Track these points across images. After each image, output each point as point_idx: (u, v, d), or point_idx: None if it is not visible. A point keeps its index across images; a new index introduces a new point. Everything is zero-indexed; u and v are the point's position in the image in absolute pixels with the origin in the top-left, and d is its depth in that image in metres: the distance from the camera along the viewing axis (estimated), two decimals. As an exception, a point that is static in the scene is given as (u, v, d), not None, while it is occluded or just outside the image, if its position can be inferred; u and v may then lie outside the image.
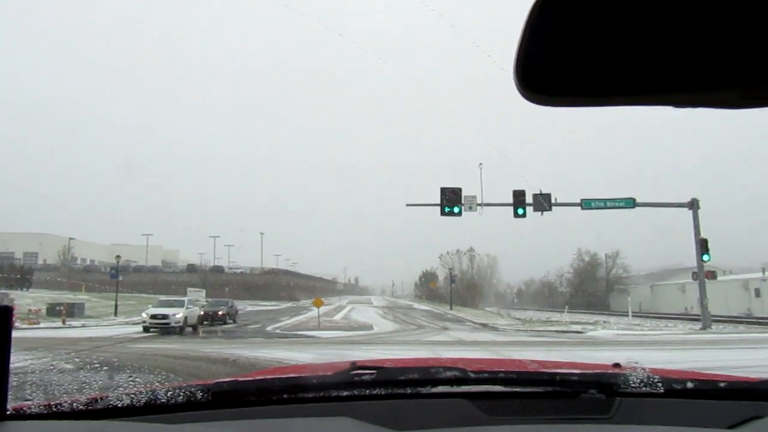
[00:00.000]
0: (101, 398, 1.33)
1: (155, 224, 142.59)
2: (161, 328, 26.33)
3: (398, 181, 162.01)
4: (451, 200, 25.08)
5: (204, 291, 72.87)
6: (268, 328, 31.47)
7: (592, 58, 0.66)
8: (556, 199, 25.76)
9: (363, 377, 1.41)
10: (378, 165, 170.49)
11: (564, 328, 29.55)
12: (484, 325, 36.36)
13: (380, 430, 1.22)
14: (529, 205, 25.46)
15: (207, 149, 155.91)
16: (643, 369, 1.49)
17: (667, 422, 1.32)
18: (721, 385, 1.50)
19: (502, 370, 1.56)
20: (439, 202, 25.25)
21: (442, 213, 25.20)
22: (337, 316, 44.73)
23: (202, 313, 30.93)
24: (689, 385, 1.46)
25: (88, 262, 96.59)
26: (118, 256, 45.06)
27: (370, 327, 31.22)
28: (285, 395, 1.37)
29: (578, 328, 29.66)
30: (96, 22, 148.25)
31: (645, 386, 1.42)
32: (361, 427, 1.22)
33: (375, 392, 1.39)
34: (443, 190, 25.18)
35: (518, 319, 45.75)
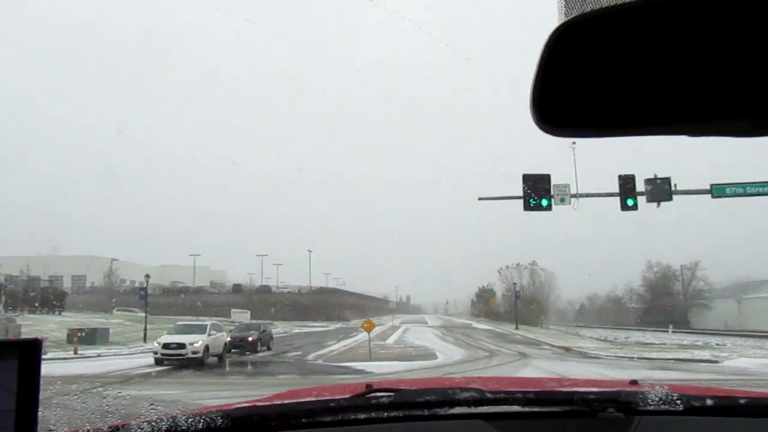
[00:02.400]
0: (123, 426, 1.34)
1: (203, 246, 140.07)
2: (176, 359, 21.06)
3: (451, 194, 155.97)
4: (537, 191, 18.98)
5: (248, 312, 68.81)
6: (309, 357, 25.88)
7: (606, 90, 0.68)
8: (675, 186, 19.36)
9: (380, 400, 1.39)
10: (428, 180, 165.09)
11: (686, 355, 22.84)
12: (567, 350, 29.90)
13: None
14: (641, 194, 19.12)
15: (255, 169, 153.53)
16: (661, 386, 1.45)
17: None
18: (742, 401, 1.44)
19: (520, 390, 1.50)
20: (521, 194, 19.16)
21: (527, 207, 19.09)
22: (391, 340, 38.82)
23: (228, 339, 25.47)
24: (709, 402, 1.41)
25: (137, 284, 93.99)
26: (147, 276, 40.51)
27: (433, 355, 25.14)
28: (303, 420, 1.36)
29: (705, 354, 22.88)
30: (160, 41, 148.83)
31: (664, 404, 1.37)
32: None
33: (392, 415, 1.37)
34: (526, 178, 19.12)
35: (602, 340, 38.86)
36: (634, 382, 1.67)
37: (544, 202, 19.14)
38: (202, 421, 1.30)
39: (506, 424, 1.35)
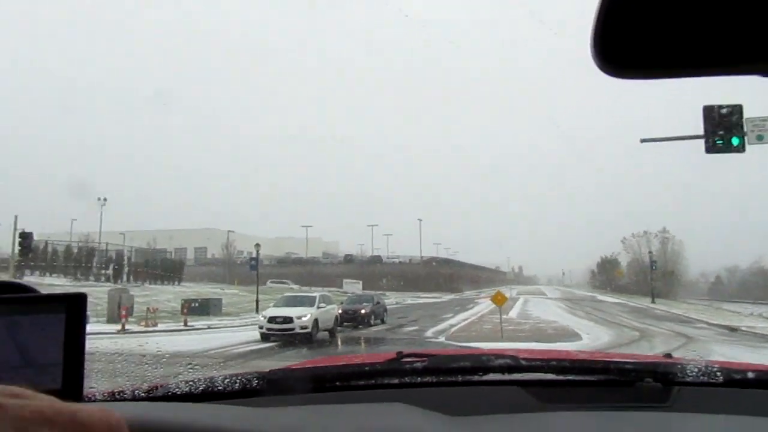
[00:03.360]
0: (161, 386, 1.35)
1: (316, 217, 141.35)
2: (283, 335, 18.75)
3: (563, 161, 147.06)
4: (725, 126, 14.40)
5: (360, 283, 67.33)
6: (429, 333, 22.85)
7: (672, 26, 0.62)
8: None
9: (414, 365, 1.38)
10: (539, 146, 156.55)
11: None
12: (733, 329, 24.80)
13: (433, 415, 1.15)
14: None
15: (367, 141, 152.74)
16: (701, 359, 1.44)
17: (726, 411, 1.21)
18: None
19: (555, 358, 1.48)
20: (702, 132, 14.66)
21: (710, 149, 14.59)
22: (513, 313, 34.98)
23: (339, 312, 22.90)
24: (749, 375, 1.37)
25: (254, 255, 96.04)
26: (257, 245, 39.28)
27: (574, 335, 21.18)
28: (337, 383, 1.36)
29: None
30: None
31: (703, 376, 1.34)
32: (414, 412, 1.16)
33: (426, 379, 1.36)
34: (709, 111, 14.58)
35: (765, 317, 32.81)
36: (668, 356, 1.65)
37: (735, 141, 14.56)
38: (238, 381, 1.30)
39: (542, 391, 1.30)
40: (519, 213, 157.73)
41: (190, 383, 1.33)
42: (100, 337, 22.27)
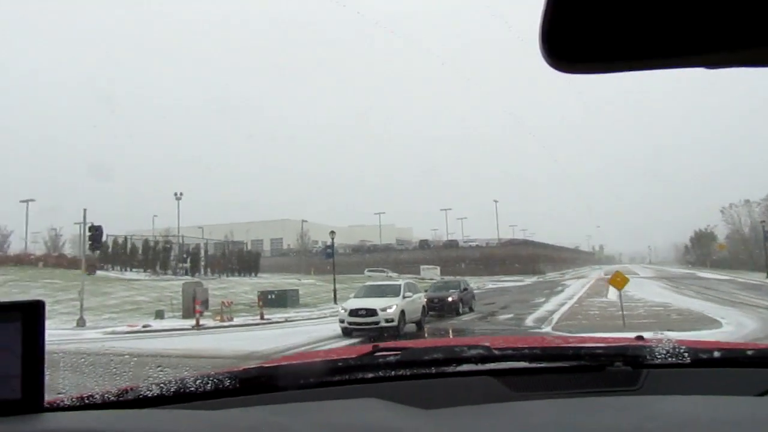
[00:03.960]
0: (131, 389, 1.31)
1: (389, 204, 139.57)
2: (367, 329, 16.50)
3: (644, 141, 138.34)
4: None
5: (438, 268, 64.86)
6: (528, 322, 20.08)
7: (617, 21, 0.63)
8: None
9: (388, 358, 1.38)
10: (615, 120, 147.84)
11: None
12: None
13: (406, 409, 1.15)
14: None
15: (435, 125, 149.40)
16: (669, 340, 1.43)
17: (695, 392, 1.24)
18: (749, 353, 1.45)
19: (527, 346, 1.50)
20: None
21: None
22: (612, 295, 31.39)
23: (425, 300, 20.41)
24: (716, 354, 1.40)
25: (328, 244, 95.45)
26: (332, 232, 37.43)
27: (711, 321, 17.77)
28: (311, 379, 1.35)
29: None
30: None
31: (671, 357, 1.36)
32: (387, 406, 1.16)
33: (400, 373, 1.36)
34: None
35: None
36: (640, 338, 1.65)
37: None
38: (210, 382, 1.28)
39: (514, 379, 1.33)
40: (597, 190, 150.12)
41: (162, 385, 1.27)
42: (173, 334, 20.90)
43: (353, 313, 16.76)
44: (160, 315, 24.92)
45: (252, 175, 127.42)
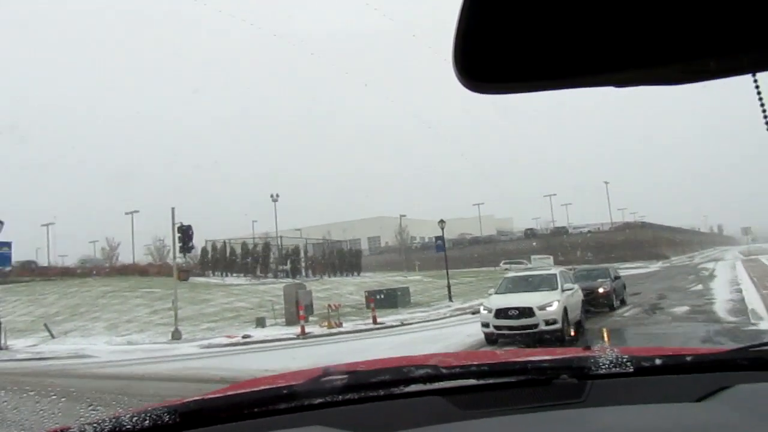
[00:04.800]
0: (62, 431, 1.26)
1: (486, 194, 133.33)
2: (520, 335, 12.42)
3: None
4: None
5: (551, 257, 59.29)
6: (721, 314, 15.18)
7: (529, 42, 0.65)
8: None
9: (334, 383, 1.35)
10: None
11: None
12: None
13: None
14: None
15: (534, 108, 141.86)
16: (612, 350, 1.46)
17: (638, 400, 1.27)
18: (688, 359, 1.47)
19: (475, 363, 1.49)
20: None
21: None
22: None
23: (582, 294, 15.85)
24: (657, 361, 1.44)
25: (425, 240, 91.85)
26: (441, 221, 33.49)
27: None
28: (255, 409, 1.30)
29: None
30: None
31: (615, 367, 1.38)
32: None
33: (347, 397, 1.33)
34: None
35: None
36: (587, 348, 1.65)
37: None
38: (147, 418, 1.22)
39: (462, 398, 1.31)
40: (710, 165, 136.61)
41: (95, 425, 1.18)
42: (276, 346, 17.76)
43: (501, 313, 12.67)
44: (261, 323, 21.97)
45: (346, 175, 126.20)
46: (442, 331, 17.44)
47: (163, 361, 15.12)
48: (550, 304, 12.56)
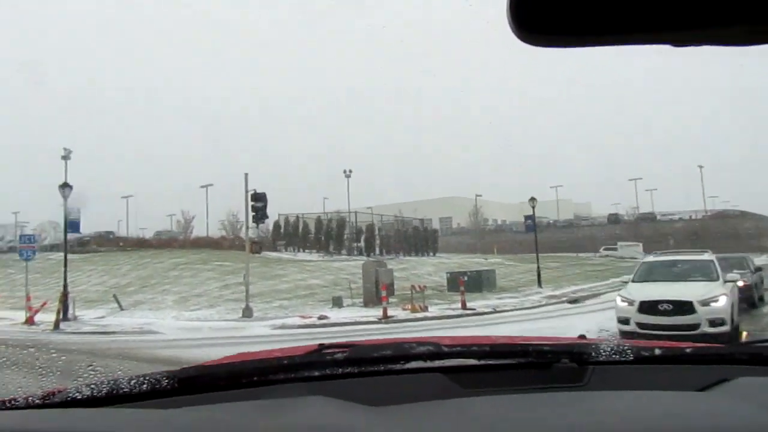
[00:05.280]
0: (59, 391, 1.21)
1: (564, 177, 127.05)
2: (674, 336, 9.62)
3: None
4: None
5: (640, 245, 54.91)
6: None
7: None
8: None
9: (335, 356, 1.33)
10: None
11: None
12: None
13: (354, 406, 1.12)
14: None
15: (607, 87, 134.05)
16: (612, 338, 1.22)
17: (638, 387, 1.27)
18: (688, 351, 1.49)
19: (476, 344, 1.48)
20: None
21: None
22: None
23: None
24: (657, 351, 1.44)
25: (498, 222, 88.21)
26: (532, 199, 30.34)
27: None
28: (254, 378, 1.28)
29: None
30: None
31: (615, 354, 1.39)
32: (332, 403, 1.13)
33: (347, 371, 1.31)
34: None
35: None
36: (582, 337, 1.69)
37: None
38: (146, 382, 1.21)
39: (463, 377, 1.31)
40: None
41: (92, 387, 1.18)
42: (357, 330, 15.54)
43: (648, 307, 9.87)
44: (337, 303, 19.98)
45: (417, 154, 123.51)
46: (550, 324, 14.78)
47: (230, 344, 13.25)
48: (716, 298, 9.68)
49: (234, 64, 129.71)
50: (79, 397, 1.17)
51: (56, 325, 17.21)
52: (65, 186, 19.34)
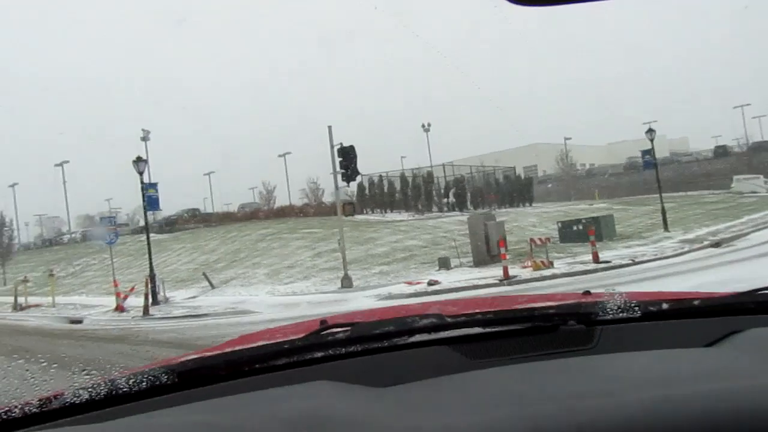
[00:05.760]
0: (56, 396, 1.17)
1: (655, 112, 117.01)
2: None
3: None
4: None
5: (760, 177, 49.04)
6: None
7: None
8: None
9: (336, 336, 1.30)
10: None
11: None
12: None
13: (360, 389, 1.08)
14: None
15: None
16: (619, 294, 1.40)
17: (647, 346, 1.23)
18: (696, 303, 1.45)
19: (479, 311, 1.47)
20: None
21: None
22: None
23: None
24: (664, 306, 1.40)
25: (587, 167, 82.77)
26: (649, 130, 26.54)
27: None
28: (256, 365, 1.25)
29: None
30: None
31: (622, 312, 1.34)
32: (337, 388, 1.09)
33: (350, 350, 1.28)
34: None
35: None
36: (587, 293, 1.65)
37: None
38: (144, 380, 1.17)
39: (469, 347, 1.26)
40: None
41: (90, 389, 1.14)
42: (477, 297, 13.49)
43: None
44: (445, 264, 17.60)
45: (497, 100, 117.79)
46: (728, 274, 11.64)
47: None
48: None
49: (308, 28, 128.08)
50: (77, 402, 1.12)
51: (145, 311, 15.89)
52: (139, 160, 17.87)
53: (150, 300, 16.40)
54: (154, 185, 18.20)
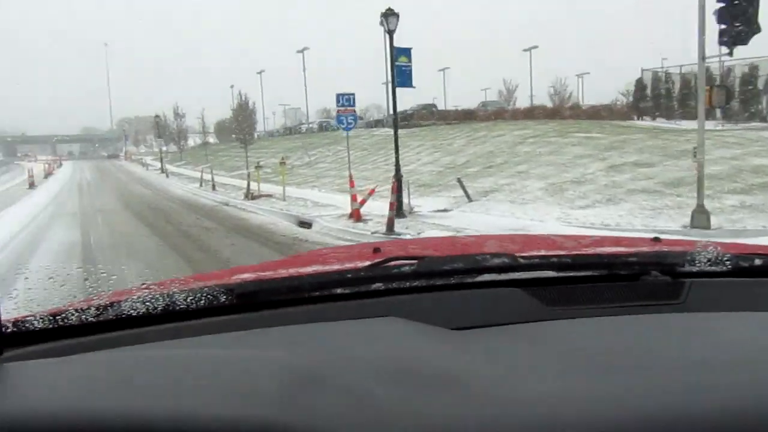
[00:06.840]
0: (113, 304, 1.12)
1: None
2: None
3: None
4: None
5: None
6: None
7: None
8: None
9: (402, 269, 1.20)
10: None
11: None
12: None
13: (432, 329, 1.00)
14: None
15: None
16: (712, 244, 1.24)
17: (743, 307, 1.09)
18: None
19: (555, 254, 1.32)
20: None
21: None
22: None
23: None
24: (758, 261, 1.22)
25: None
26: None
27: None
28: (317, 293, 1.18)
29: None
30: None
31: (712, 265, 1.18)
32: (408, 326, 1.02)
33: (415, 285, 1.18)
34: None
35: None
36: (656, 239, 1.50)
37: None
38: (203, 298, 1.12)
39: (544, 291, 1.14)
40: None
41: (147, 303, 1.10)
42: None
43: None
44: None
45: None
46: None
47: None
48: None
49: None
50: (134, 314, 1.08)
51: (389, 227, 11.40)
52: (389, 14, 12.86)
53: (394, 212, 11.92)
54: (406, 51, 13.15)
